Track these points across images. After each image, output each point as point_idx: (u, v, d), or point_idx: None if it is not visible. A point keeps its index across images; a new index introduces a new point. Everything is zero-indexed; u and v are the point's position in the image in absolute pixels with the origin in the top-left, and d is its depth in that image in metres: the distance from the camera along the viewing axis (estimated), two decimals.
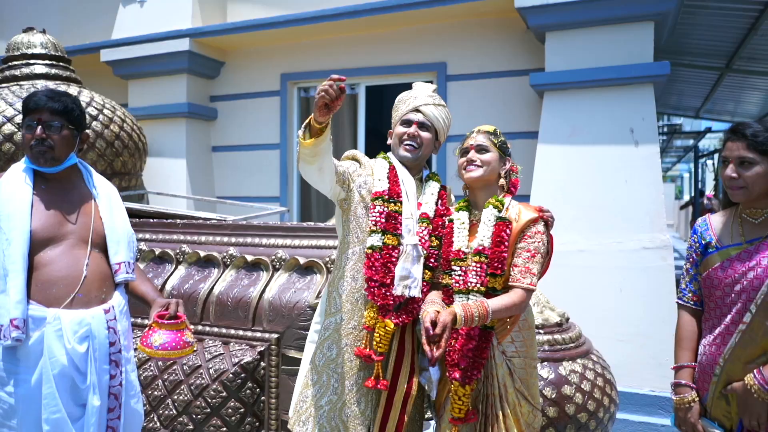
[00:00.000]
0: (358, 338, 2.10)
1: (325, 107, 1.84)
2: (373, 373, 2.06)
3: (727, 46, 7.08)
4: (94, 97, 4.88)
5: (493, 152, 2.08)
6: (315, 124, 1.89)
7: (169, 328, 2.02)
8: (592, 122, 4.21)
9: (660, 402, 3.69)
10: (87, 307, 2.01)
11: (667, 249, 3.81)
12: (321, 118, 1.87)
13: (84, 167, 2.22)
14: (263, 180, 6.05)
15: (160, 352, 1.98)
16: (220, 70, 6.23)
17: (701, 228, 2.05)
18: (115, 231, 2.15)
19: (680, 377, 2.03)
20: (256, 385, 2.78)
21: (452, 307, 1.87)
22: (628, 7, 4.09)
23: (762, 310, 1.81)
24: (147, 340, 2.00)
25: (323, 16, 5.19)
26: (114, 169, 4.82)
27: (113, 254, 2.13)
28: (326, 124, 1.90)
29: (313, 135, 1.90)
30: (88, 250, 2.07)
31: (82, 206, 2.12)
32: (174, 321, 2.05)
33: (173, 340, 2.01)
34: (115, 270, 2.13)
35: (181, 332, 2.04)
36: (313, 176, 2.05)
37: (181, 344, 2.02)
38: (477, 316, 1.84)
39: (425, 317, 1.84)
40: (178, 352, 2.02)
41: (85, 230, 2.09)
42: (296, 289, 2.86)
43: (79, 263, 2.03)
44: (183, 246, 3.27)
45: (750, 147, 1.84)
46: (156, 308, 2.10)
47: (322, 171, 2.03)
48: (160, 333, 2.01)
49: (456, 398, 1.98)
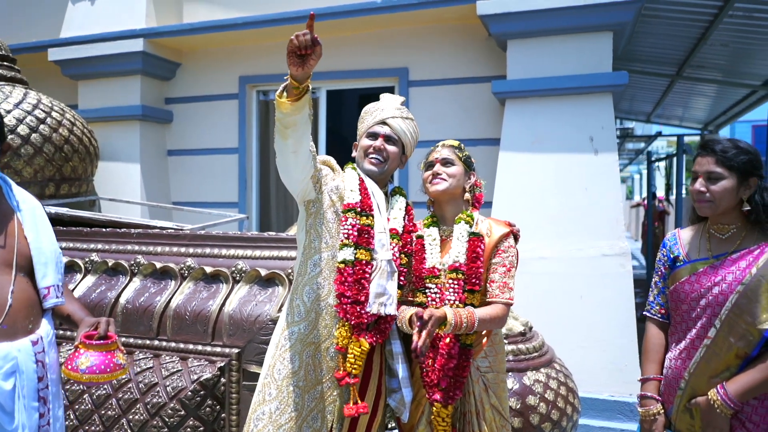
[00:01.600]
0: (319, 350, 2.00)
1: (298, 57, 1.71)
2: (348, 397, 1.95)
3: (678, 55, 7.30)
4: (41, 99, 4.66)
5: (458, 166, 2.07)
6: (292, 83, 1.76)
7: (98, 350, 1.84)
8: (553, 130, 4.26)
9: (619, 407, 3.75)
10: (12, 339, 1.80)
11: (626, 256, 3.88)
12: (294, 71, 1.72)
13: (3, 181, 2.01)
14: (221, 185, 5.91)
15: (87, 376, 1.81)
16: (175, 71, 6.05)
17: (670, 242, 2.08)
18: (42, 252, 1.95)
19: (646, 389, 2.04)
20: (216, 402, 2.69)
21: (442, 308, 1.83)
22: (587, 18, 4.15)
23: (726, 326, 1.84)
24: (73, 362, 1.82)
25: (284, 19, 5.11)
26: (63, 175, 4.62)
27: (41, 278, 1.92)
28: (305, 88, 1.78)
29: (289, 97, 1.78)
30: (12, 274, 1.86)
31: (4, 225, 1.90)
32: (103, 341, 1.87)
33: (102, 362, 1.83)
34: (43, 295, 1.93)
35: (111, 353, 1.87)
36: (287, 160, 1.91)
37: (112, 366, 1.85)
38: (465, 323, 1.82)
39: (409, 315, 1.80)
40: (108, 376, 1.84)
41: (9, 252, 1.87)
42: (257, 302, 2.79)
43: (3, 290, 1.82)
44: (138, 257, 3.15)
45: (718, 162, 1.88)
46: (83, 328, 1.91)
47: (297, 155, 1.89)
48: (87, 355, 1.83)
49: (439, 420, 1.94)
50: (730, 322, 1.83)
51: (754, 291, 1.81)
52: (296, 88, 1.77)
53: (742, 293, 1.82)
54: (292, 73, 1.75)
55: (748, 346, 1.81)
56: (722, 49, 6.90)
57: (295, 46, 1.70)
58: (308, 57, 1.72)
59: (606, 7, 4.05)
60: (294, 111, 1.79)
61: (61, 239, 3.37)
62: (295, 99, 1.78)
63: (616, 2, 4.01)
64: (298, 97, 1.78)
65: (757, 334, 1.80)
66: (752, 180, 1.88)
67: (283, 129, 1.84)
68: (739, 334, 1.82)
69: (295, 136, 1.85)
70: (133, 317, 2.93)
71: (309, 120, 1.87)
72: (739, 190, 1.88)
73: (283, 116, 1.81)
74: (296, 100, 1.78)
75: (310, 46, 1.70)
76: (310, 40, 1.69)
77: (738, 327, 1.82)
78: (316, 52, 1.72)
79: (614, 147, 4.12)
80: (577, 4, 4.09)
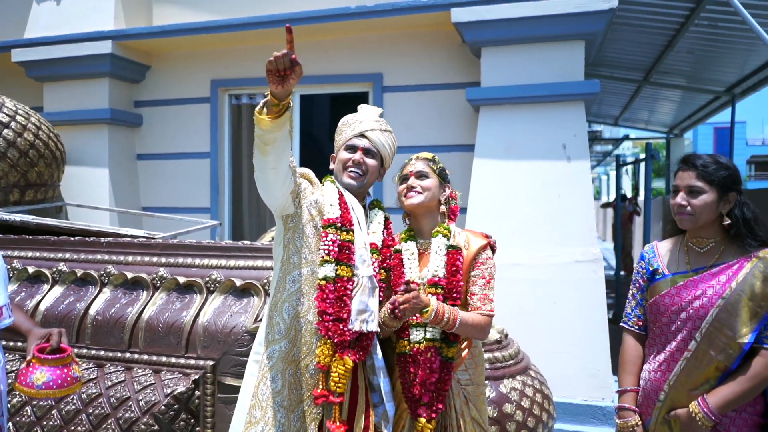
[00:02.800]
0: (299, 368, 1.97)
1: (278, 76, 1.69)
2: (332, 415, 1.92)
3: (645, 61, 7.47)
4: (5, 102, 4.52)
5: (433, 178, 2.07)
6: (272, 100, 1.73)
7: (54, 364, 1.78)
8: (526, 138, 4.30)
9: (592, 411, 3.81)
10: None
11: (598, 262, 3.95)
12: (274, 88, 1.70)
13: None
14: (192, 190, 5.81)
15: (43, 392, 1.75)
16: (145, 74, 5.93)
17: (649, 255, 2.10)
18: None
19: (624, 401, 2.06)
20: (190, 415, 2.64)
21: (428, 297, 1.86)
22: (560, 27, 4.21)
23: (706, 339, 1.87)
24: (27, 378, 1.76)
25: (258, 23, 5.05)
26: (28, 181, 4.49)
27: None
28: (285, 105, 1.75)
29: (269, 114, 1.75)
30: None
31: None
32: (59, 356, 1.81)
33: (58, 377, 1.77)
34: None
35: (67, 367, 1.81)
36: (267, 176, 1.88)
37: (68, 381, 1.80)
38: (447, 318, 1.84)
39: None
40: (64, 390, 1.79)
41: None
42: (233, 313, 2.74)
43: None
44: (108, 267, 3.07)
45: (699, 177, 1.92)
46: (34, 340, 1.84)
47: (277, 171, 1.86)
48: (42, 370, 1.76)
49: None
50: (710, 335, 1.86)
51: (734, 305, 1.85)
52: (276, 105, 1.75)
53: (722, 307, 1.85)
54: (272, 90, 1.72)
55: (728, 360, 1.85)
56: (688, 56, 7.08)
57: (273, 66, 1.67)
58: (288, 77, 1.70)
59: (578, 17, 4.11)
60: (274, 128, 1.76)
61: (27, 248, 3.30)
62: (276, 116, 1.75)
63: (588, 12, 4.07)
64: (279, 114, 1.76)
65: (736, 348, 1.83)
66: (731, 195, 1.93)
67: (262, 145, 1.80)
68: (719, 347, 1.85)
69: (275, 153, 1.82)
70: (104, 329, 2.86)
71: (290, 136, 1.84)
72: (719, 205, 1.92)
73: (263, 133, 1.77)
74: (276, 117, 1.75)
75: (289, 67, 1.68)
76: (288, 62, 1.67)
77: (718, 340, 1.85)
78: (296, 72, 1.70)
79: (586, 154, 4.19)
80: (550, 14, 4.14)
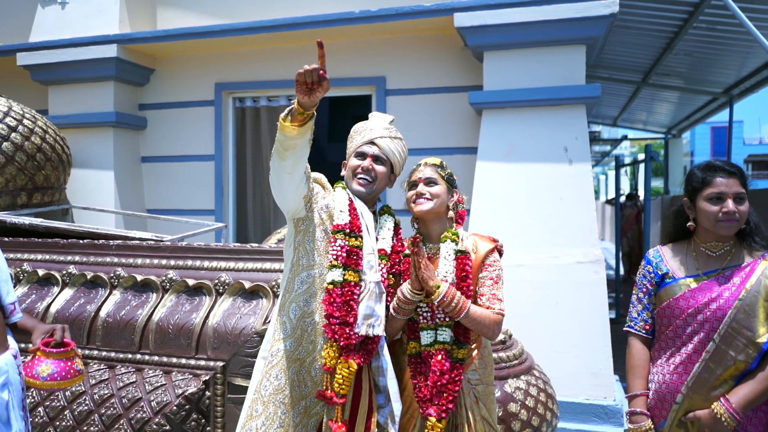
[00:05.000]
0: (303, 366, 2.02)
1: (306, 88, 1.77)
2: (334, 415, 1.98)
3: (644, 63, 7.53)
4: (12, 107, 4.56)
5: (442, 184, 2.11)
6: (298, 109, 1.80)
7: (58, 357, 1.92)
8: (528, 141, 4.35)
9: (594, 410, 3.86)
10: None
11: (600, 263, 4.00)
12: (302, 98, 1.78)
13: None
14: (197, 193, 5.84)
15: (48, 383, 1.88)
16: (149, 77, 5.97)
17: (656, 259, 2.12)
18: (1, 270, 2.03)
19: (635, 405, 2.08)
20: (201, 416, 2.68)
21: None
22: (562, 32, 4.26)
23: (725, 340, 1.90)
24: (33, 370, 1.89)
25: (262, 27, 5.09)
26: (36, 184, 4.53)
27: (5, 294, 2.01)
28: (310, 115, 1.83)
29: (294, 122, 1.82)
30: None
31: None
32: (62, 349, 1.95)
33: (62, 369, 1.91)
34: (10, 311, 2.03)
35: (71, 360, 1.94)
36: (282, 180, 1.95)
37: (72, 373, 1.93)
38: (455, 303, 1.91)
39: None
40: (68, 382, 1.93)
41: None
42: (242, 315, 2.79)
43: None
44: (117, 269, 3.12)
45: (742, 184, 1.95)
46: (39, 335, 1.98)
47: (293, 176, 1.93)
48: (47, 363, 1.90)
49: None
50: (728, 336, 1.90)
51: (751, 306, 1.89)
52: (301, 114, 1.81)
53: (740, 308, 1.89)
54: (300, 100, 1.79)
55: (749, 359, 1.89)
56: (686, 58, 7.14)
57: (302, 79, 1.74)
58: (315, 90, 1.77)
59: (580, 21, 4.16)
60: (297, 136, 1.83)
61: (36, 251, 3.34)
62: (300, 124, 1.82)
63: (589, 17, 4.12)
64: (303, 122, 1.82)
65: (756, 348, 1.88)
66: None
67: (282, 150, 1.86)
68: (739, 348, 1.89)
69: (293, 159, 1.88)
70: (114, 331, 2.90)
71: (309, 144, 1.91)
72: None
73: (285, 139, 1.84)
74: (300, 126, 1.82)
75: (317, 81, 1.75)
76: (317, 76, 1.74)
77: (737, 341, 1.89)
78: (323, 86, 1.77)
79: (588, 157, 4.24)
80: (551, 18, 4.19)
